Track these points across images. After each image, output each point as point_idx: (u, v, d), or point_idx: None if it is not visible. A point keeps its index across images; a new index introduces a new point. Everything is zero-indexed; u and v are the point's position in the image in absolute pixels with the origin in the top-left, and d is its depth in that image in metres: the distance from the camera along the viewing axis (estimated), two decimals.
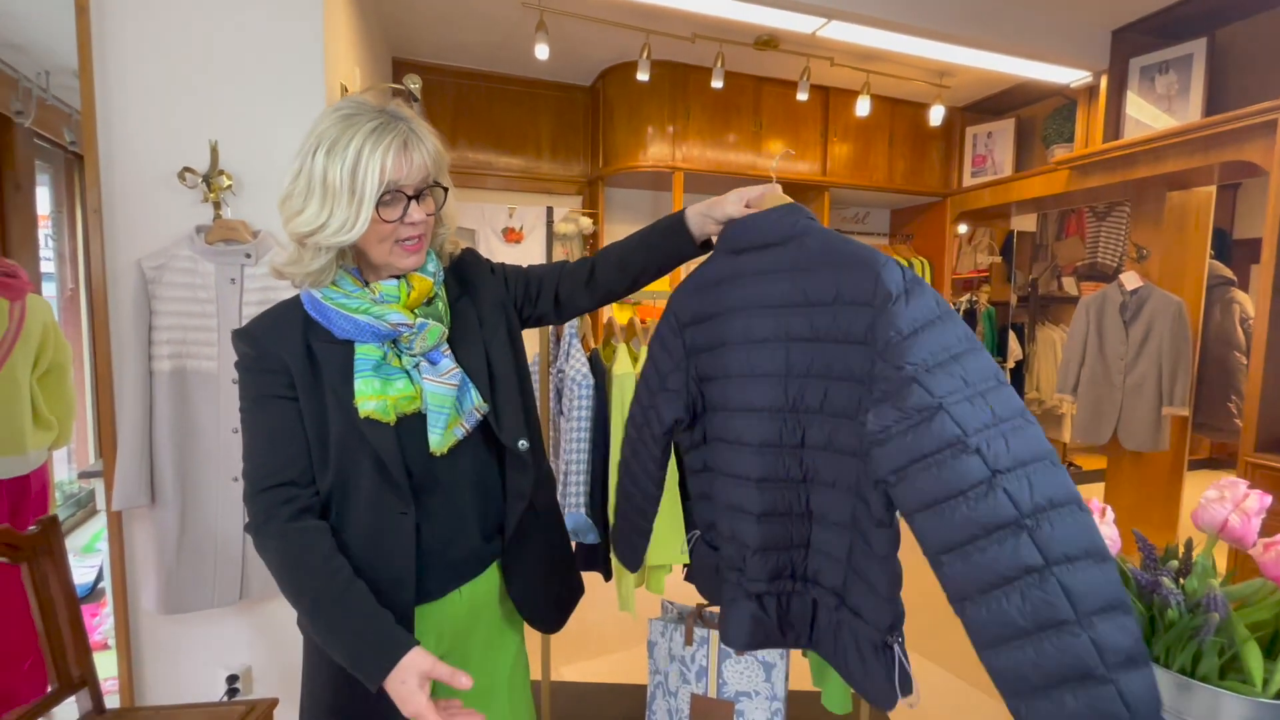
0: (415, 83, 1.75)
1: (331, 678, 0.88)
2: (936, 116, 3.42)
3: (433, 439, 0.86)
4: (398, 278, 0.86)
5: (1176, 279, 2.94)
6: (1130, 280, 2.92)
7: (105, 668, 1.56)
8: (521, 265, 1.05)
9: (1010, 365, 4.37)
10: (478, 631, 0.98)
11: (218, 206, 1.54)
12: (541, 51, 2.61)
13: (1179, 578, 0.70)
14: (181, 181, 1.52)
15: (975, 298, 4.45)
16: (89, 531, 2.19)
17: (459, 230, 3.56)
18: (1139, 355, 2.89)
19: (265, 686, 1.68)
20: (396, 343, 0.86)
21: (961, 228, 4.38)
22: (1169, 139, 2.60)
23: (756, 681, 1.48)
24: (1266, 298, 2.20)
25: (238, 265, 1.52)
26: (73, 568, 2.04)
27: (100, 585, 2.19)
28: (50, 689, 1.25)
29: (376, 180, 0.77)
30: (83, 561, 2.17)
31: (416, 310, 0.87)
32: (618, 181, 3.52)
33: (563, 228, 3.26)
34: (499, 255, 3.46)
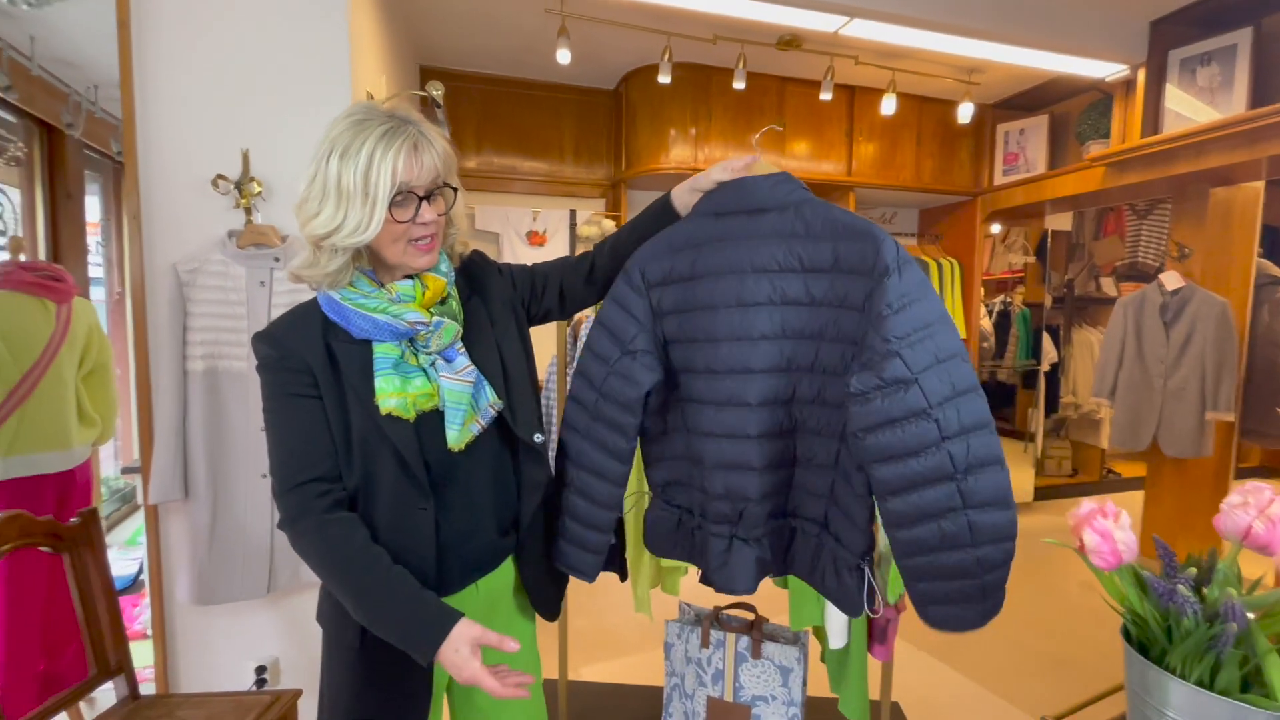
0: (438, 89, 1.78)
1: (350, 679, 0.90)
2: (966, 114, 3.35)
3: (450, 435, 0.88)
4: (412, 278, 0.89)
5: (1221, 278, 2.82)
6: (1171, 280, 2.81)
7: (145, 656, 1.62)
8: (526, 264, 1.08)
9: (1045, 368, 4.24)
10: (495, 624, 1.00)
11: (248, 212, 1.60)
12: (563, 56, 2.64)
13: (1200, 586, 0.67)
14: (214, 188, 1.58)
15: (1009, 299, 4.33)
16: (133, 525, 2.28)
17: (484, 233, 3.62)
18: (1180, 358, 2.79)
19: (292, 678, 1.73)
20: (413, 341, 0.89)
21: (994, 227, 4.27)
22: (1212, 133, 2.50)
23: (773, 686, 1.46)
24: None
25: (267, 269, 1.57)
26: (117, 560, 2.13)
27: (141, 577, 2.28)
28: (90, 674, 1.31)
29: (389, 182, 0.79)
30: (126, 554, 2.26)
31: (431, 309, 0.89)
32: (640, 184, 3.53)
33: (586, 230, 3.28)
34: (523, 258, 3.50)
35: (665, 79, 2.86)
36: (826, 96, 3.08)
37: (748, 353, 0.92)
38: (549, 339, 1.78)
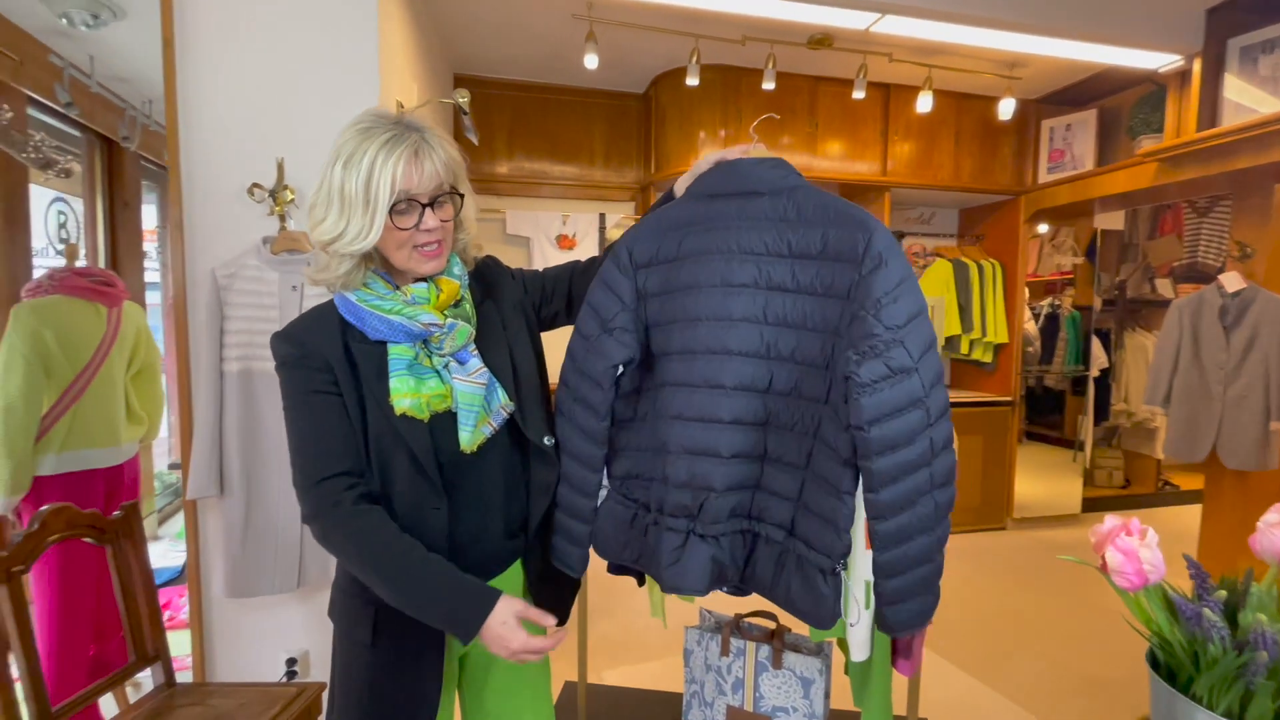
0: (464, 96, 1.82)
1: (362, 674, 0.92)
2: (1007, 110, 3.23)
3: (463, 436, 0.89)
4: (426, 280, 0.90)
5: None
6: (1231, 281, 2.64)
7: (185, 646, 1.70)
8: (538, 269, 1.09)
9: (1095, 374, 4.04)
10: None
11: (282, 219, 1.65)
12: (590, 61, 2.65)
13: (1235, 610, 0.63)
14: (250, 196, 1.64)
15: (1058, 301, 4.15)
16: (182, 519, 2.38)
17: (515, 238, 3.67)
18: (1242, 364, 2.62)
19: (320, 670, 1.78)
20: (427, 343, 0.90)
21: (1041, 227, 4.10)
22: (1276, 125, 2.34)
23: (795, 698, 1.43)
24: None
25: (299, 274, 1.63)
26: (168, 551, 2.22)
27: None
28: (129, 661, 1.37)
29: (388, 190, 0.81)
30: (176, 546, 2.36)
31: (445, 311, 0.90)
32: (670, 187, 3.53)
33: (615, 234, 3.30)
34: (552, 261, 3.51)
35: (693, 81, 2.85)
36: (860, 95, 3.02)
37: (726, 333, 0.89)
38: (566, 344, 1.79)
